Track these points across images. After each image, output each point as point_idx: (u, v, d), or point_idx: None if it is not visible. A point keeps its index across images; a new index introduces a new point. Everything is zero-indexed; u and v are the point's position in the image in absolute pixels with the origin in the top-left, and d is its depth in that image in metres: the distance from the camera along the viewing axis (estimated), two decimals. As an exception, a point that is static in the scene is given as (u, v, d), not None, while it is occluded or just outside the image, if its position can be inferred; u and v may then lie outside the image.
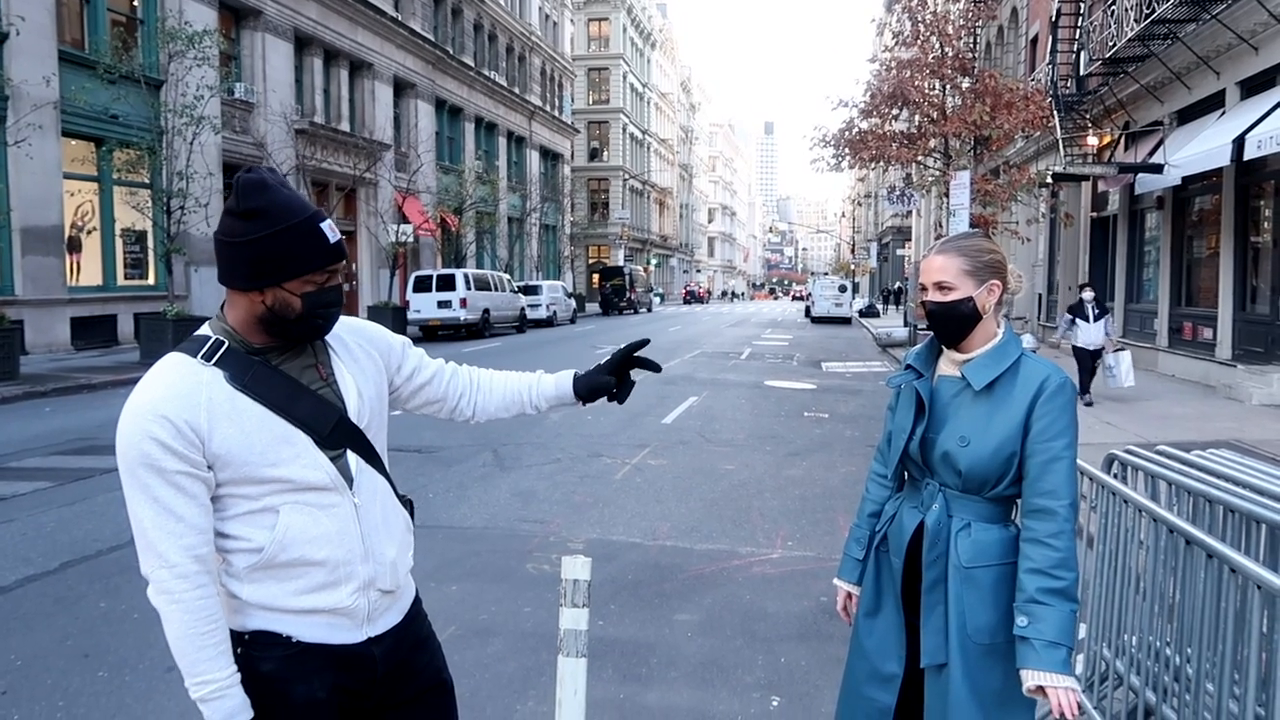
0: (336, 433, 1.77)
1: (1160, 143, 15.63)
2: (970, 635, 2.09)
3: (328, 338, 1.86)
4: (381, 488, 1.86)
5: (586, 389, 2.15)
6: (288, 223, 1.67)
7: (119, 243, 19.90)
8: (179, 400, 1.63)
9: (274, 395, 1.71)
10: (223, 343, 1.71)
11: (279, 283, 1.69)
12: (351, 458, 1.80)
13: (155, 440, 1.60)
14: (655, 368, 2.19)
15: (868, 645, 2.29)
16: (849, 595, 2.43)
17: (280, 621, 1.73)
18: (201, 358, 1.69)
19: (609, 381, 2.14)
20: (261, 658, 1.72)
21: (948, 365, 2.23)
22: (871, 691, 2.26)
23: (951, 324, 2.17)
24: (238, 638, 1.72)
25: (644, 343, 2.20)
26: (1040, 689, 1.96)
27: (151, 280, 20.73)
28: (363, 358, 1.91)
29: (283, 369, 1.75)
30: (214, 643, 1.65)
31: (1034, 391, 2.09)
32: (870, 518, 2.39)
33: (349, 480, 1.78)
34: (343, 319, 1.92)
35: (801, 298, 69.10)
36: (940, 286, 2.17)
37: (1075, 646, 2.11)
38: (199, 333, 1.76)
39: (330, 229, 1.73)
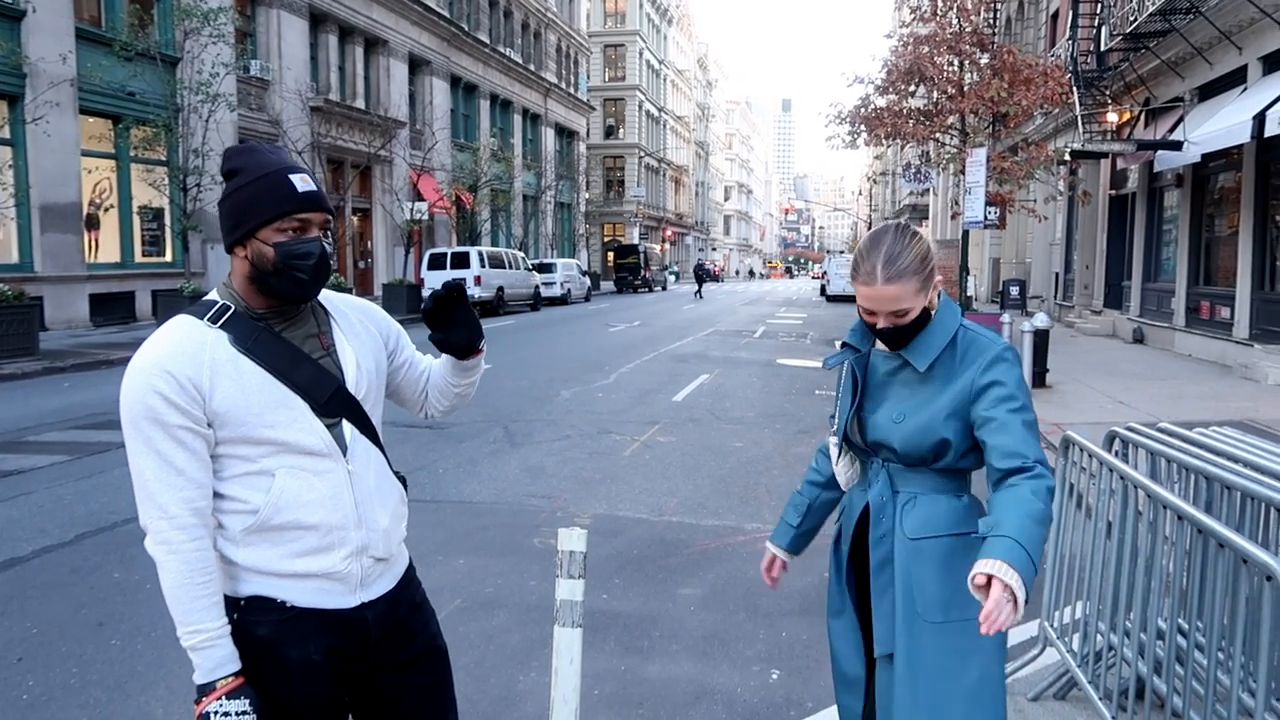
0: (333, 401, 1.82)
1: (1180, 119, 15.43)
2: (920, 613, 1.94)
3: (331, 310, 1.92)
4: (375, 458, 1.90)
5: (445, 345, 2.02)
6: (257, 175, 1.77)
7: (136, 220, 20.05)
8: (183, 357, 1.70)
9: (275, 360, 1.77)
10: (229, 307, 1.78)
11: (252, 232, 1.76)
12: (346, 427, 1.85)
13: (159, 394, 1.67)
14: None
15: (837, 648, 2.19)
16: (774, 559, 2.41)
17: (274, 586, 1.78)
18: (208, 320, 1.76)
19: (460, 336, 1.99)
20: (257, 622, 1.77)
21: None
22: (843, 697, 2.19)
23: (908, 339, 2.03)
24: (233, 604, 1.76)
25: (446, 292, 1.94)
26: (989, 579, 1.61)
27: (169, 257, 20.90)
28: (363, 333, 1.96)
29: (285, 336, 1.81)
30: (207, 594, 1.71)
31: (974, 361, 1.97)
32: (810, 484, 2.35)
33: (343, 448, 1.83)
34: (347, 298, 1.99)
35: (819, 278, 68.69)
36: (896, 314, 1.99)
37: (1040, 568, 1.76)
38: (207, 297, 1.84)
39: (303, 180, 1.79)
